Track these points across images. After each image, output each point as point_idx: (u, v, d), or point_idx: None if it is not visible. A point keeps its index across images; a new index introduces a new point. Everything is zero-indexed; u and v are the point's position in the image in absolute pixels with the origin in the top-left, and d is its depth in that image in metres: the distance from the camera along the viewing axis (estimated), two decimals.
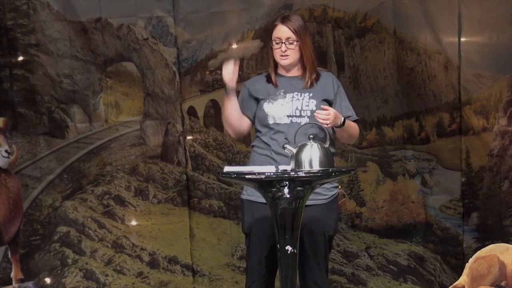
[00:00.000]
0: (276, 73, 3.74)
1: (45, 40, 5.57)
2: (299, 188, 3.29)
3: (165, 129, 5.63)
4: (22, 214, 5.27)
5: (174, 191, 5.64)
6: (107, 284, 5.49)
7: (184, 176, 5.62)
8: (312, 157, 3.31)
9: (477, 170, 5.31)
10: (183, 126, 5.59)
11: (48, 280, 5.55)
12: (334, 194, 3.71)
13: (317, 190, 3.51)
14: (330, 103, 3.68)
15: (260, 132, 3.72)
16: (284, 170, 3.37)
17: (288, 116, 3.64)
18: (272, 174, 3.32)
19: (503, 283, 3.95)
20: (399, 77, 5.47)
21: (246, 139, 4.98)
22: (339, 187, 3.91)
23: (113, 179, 5.65)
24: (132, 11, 5.55)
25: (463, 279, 4.01)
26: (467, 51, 5.23)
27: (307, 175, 3.30)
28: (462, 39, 5.22)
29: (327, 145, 3.40)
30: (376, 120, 5.53)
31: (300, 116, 3.64)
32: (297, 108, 3.64)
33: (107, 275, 5.52)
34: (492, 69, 5.22)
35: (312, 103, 3.64)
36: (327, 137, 3.48)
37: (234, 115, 3.74)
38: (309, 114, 3.63)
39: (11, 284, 5.18)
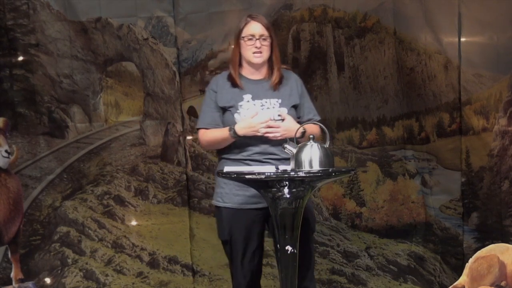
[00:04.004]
0: (239, 75, 3.70)
1: (45, 40, 5.56)
2: (299, 188, 3.29)
3: (165, 129, 5.63)
4: (22, 214, 5.26)
5: (174, 191, 5.63)
6: (107, 284, 5.49)
7: (184, 176, 5.62)
8: (312, 157, 3.31)
9: (477, 170, 5.30)
10: (183, 126, 5.59)
11: (48, 280, 5.54)
12: None
13: None
14: (297, 107, 3.70)
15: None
16: (284, 170, 3.37)
17: None
18: (272, 174, 3.32)
19: (503, 283, 3.94)
20: (399, 77, 5.47)
21: None
22: None
23: (113, 179, 5.65)
24: (132, 11, 5.54)
25: (463, 279, 4.00)
26: (467, 51, 5.22)
27: (307, 175, 3.30)
28: (462, 39, 5.21)
29: (327, 145, 3.40)
30: (376, 120, 5.53)
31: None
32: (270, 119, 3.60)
33: (107, 275, 5.52)
34: (492, 69, 5.21)
35: (284, 112, 3.63)
36: (327, 137, 3.49)
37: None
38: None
39: (11, 284, 5.18)
